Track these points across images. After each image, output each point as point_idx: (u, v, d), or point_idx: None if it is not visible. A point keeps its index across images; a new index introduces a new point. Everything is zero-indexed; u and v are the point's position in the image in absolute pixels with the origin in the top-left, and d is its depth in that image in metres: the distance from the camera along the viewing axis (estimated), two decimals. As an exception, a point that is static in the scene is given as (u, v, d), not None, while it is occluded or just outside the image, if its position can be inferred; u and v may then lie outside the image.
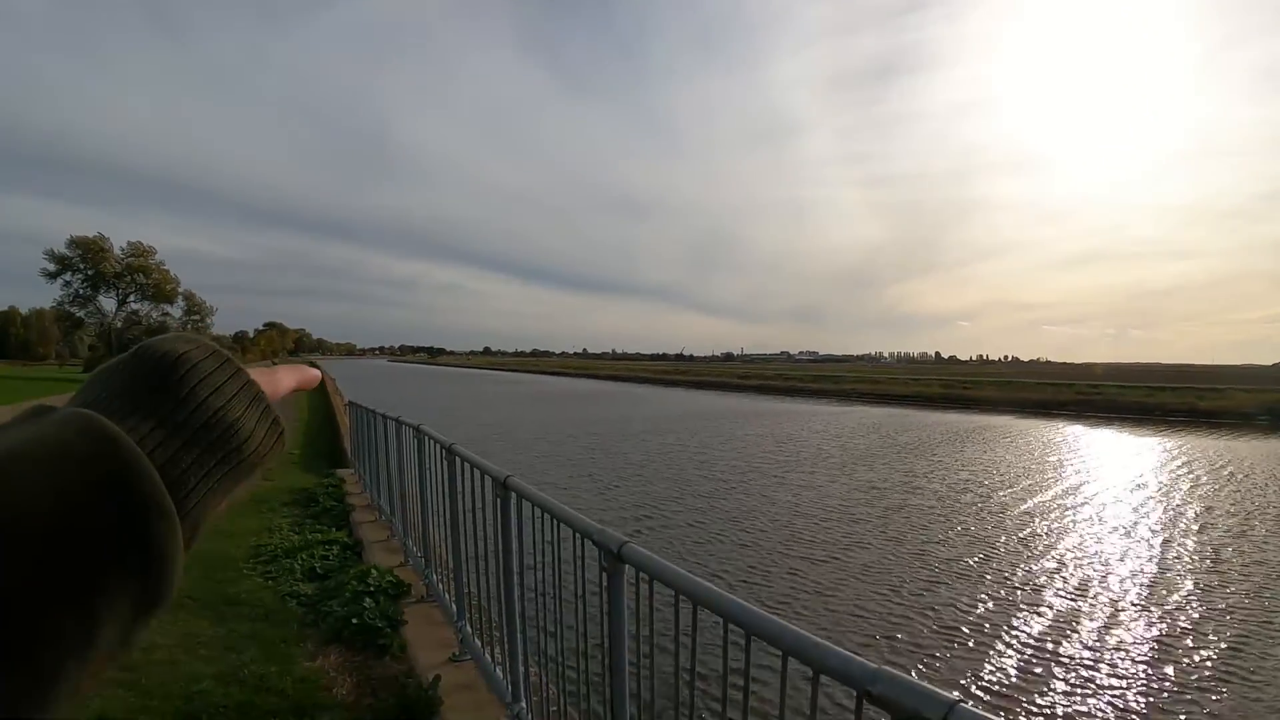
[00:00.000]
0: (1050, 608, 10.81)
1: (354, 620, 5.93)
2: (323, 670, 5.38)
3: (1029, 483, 21.13)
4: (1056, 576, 12.23)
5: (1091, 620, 10.36)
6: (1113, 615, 10.60)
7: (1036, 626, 10.02)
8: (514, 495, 3.89)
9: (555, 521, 3.33)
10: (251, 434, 0.56)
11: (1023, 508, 17.61)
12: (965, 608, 10.62)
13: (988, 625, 10.01)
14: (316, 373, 0.73)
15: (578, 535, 3.05)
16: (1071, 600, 11.18)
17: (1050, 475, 22.68)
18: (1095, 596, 11.38)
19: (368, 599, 6.31)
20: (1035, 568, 12.71)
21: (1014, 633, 9.79)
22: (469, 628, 5.20)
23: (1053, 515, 16.94)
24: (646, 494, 18.92)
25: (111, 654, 0.44)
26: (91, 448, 0.43)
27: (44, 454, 0.42)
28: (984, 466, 24.45)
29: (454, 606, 5.52)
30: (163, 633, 5.95)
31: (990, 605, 10.77)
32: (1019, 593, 11.40)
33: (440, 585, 6.20)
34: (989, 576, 12.17)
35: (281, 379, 0.67)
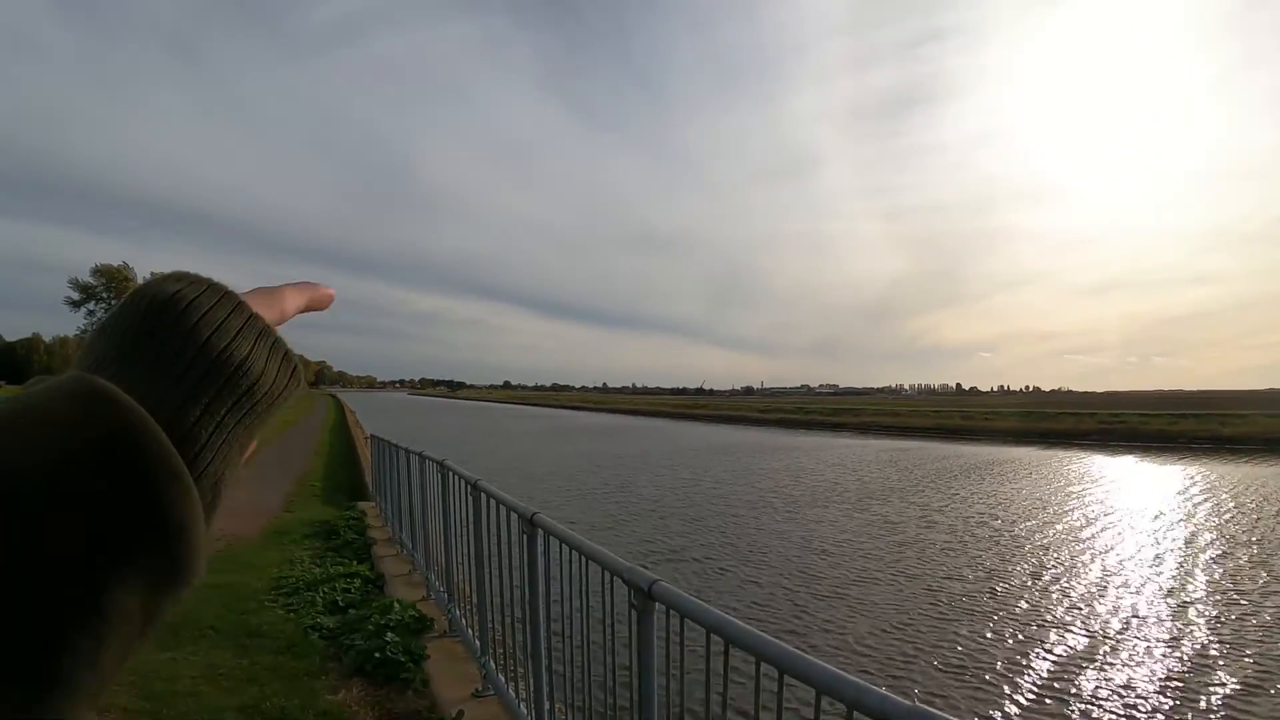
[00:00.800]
0: (1061, 649, 10.64)
1: (376, 654, 5.92)
2: (345, 704, 5.38)
3: (1044, 517, 20.84)
4: (1067, 618, 11.86)
5: (1102, 657, 10.24)
6: (1121, 651, 10.47)
7: (1046, 664, 9.87)
8: (540, 532, 3.91)
9: (583, 559, 3.34)
10: (264, 372, 0.49)
11: (1038, 542, 17.37)
12: (973, 646, 10.48)
13: (997, 664, 9.88)
14: (329, 290, 0.64)
15: (606, 573, 3.06)
16: (1084, 640, 11.02)
17: (1066, 508, 22.38)
18: (1109, 637, 11.22)
19: (390, 633, 6.29)
20: (1046, 605, 12.44)
21: (1022, 672, 9.67)
22: (492, 663, 5.18)
23: (1066, 550, 16.69)
24: (658, 528, 18.94)
25: (140, 635, 0.41)
26: (84, 411, 0.39)
27: (30, 423, 0.38)
28: (1000, 500, 24.15)
29: (477, 642, 5.52)
30: (185, 664, 5.97)
31: (999, 643, 10.60)
32: (1026, 630, 11.13)
33: (463, 620, 6.19)
34: (1001, 613, 11.96)
35: (287, 300, 0.58)
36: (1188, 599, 12.88)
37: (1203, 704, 8.76)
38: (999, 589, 13.32)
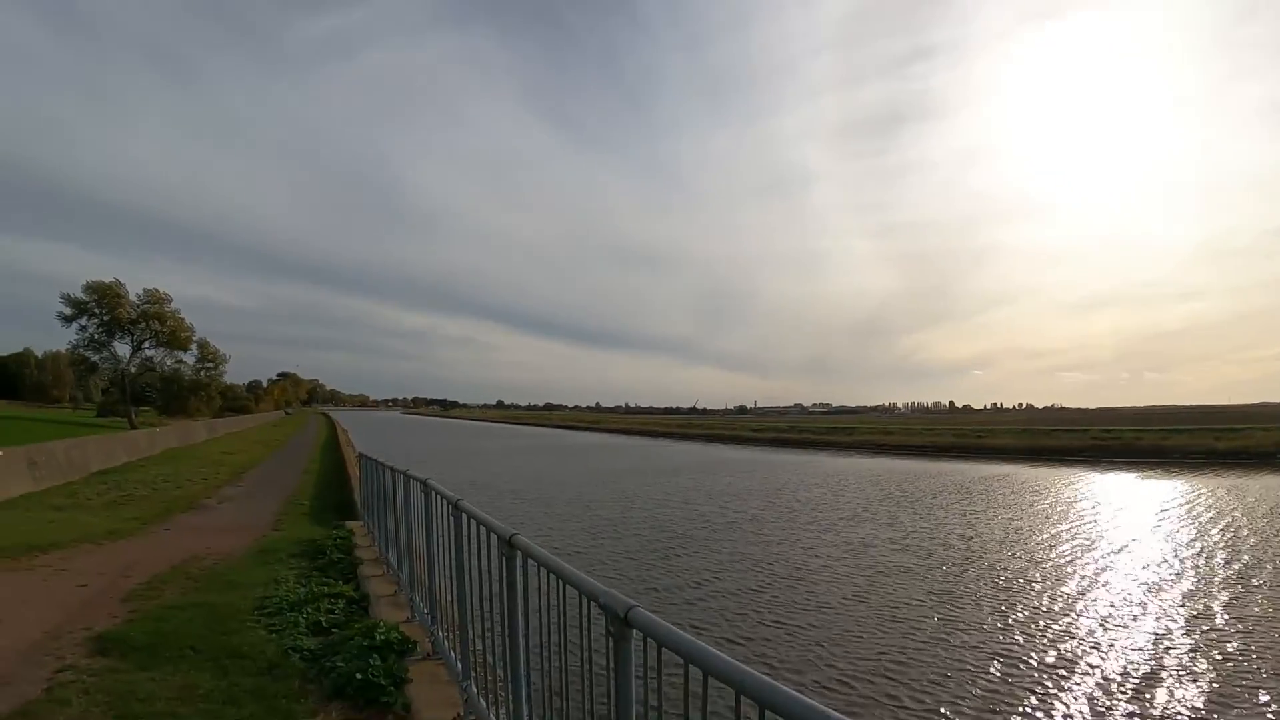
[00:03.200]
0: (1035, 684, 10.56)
1: (358, 676, 5.81)
2: (324, 728, 5.28)
3: (1025, 537, 20.80)
4: (1041, 651, 11.63)
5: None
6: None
7: (1010, 693, 9.83)
8: (519, 554, 3.82)
9: (560, 582, 3.26)
10: None
11: (1016, 565, 17.28)
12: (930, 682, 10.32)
13: (946, 692, 9.79)
14: None
15: (583, 597, 2.97)
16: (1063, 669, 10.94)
17: (1052, 527, 22.37)
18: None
19: (372, 655, 6.19)
20: (1012, 636, 12.13)
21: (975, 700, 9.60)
22: (474, 687, 5.08)
23: (1048, 570, 16.65)
24: (619, 548, 19.32)
25: None
26: None
27: None
28: (982, 520, 24.17)
29: (459, 665, 5.41)
30: (163, 684, 5.88)
31: (960, 678, 10.43)
32: (988, 668, 10.87)
33: (446, 643, 6.08)
34: (955, 643, 11.78)
35: None
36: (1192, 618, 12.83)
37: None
38: (953, 621, 12.99)
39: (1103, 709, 9.31)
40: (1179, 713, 9.22)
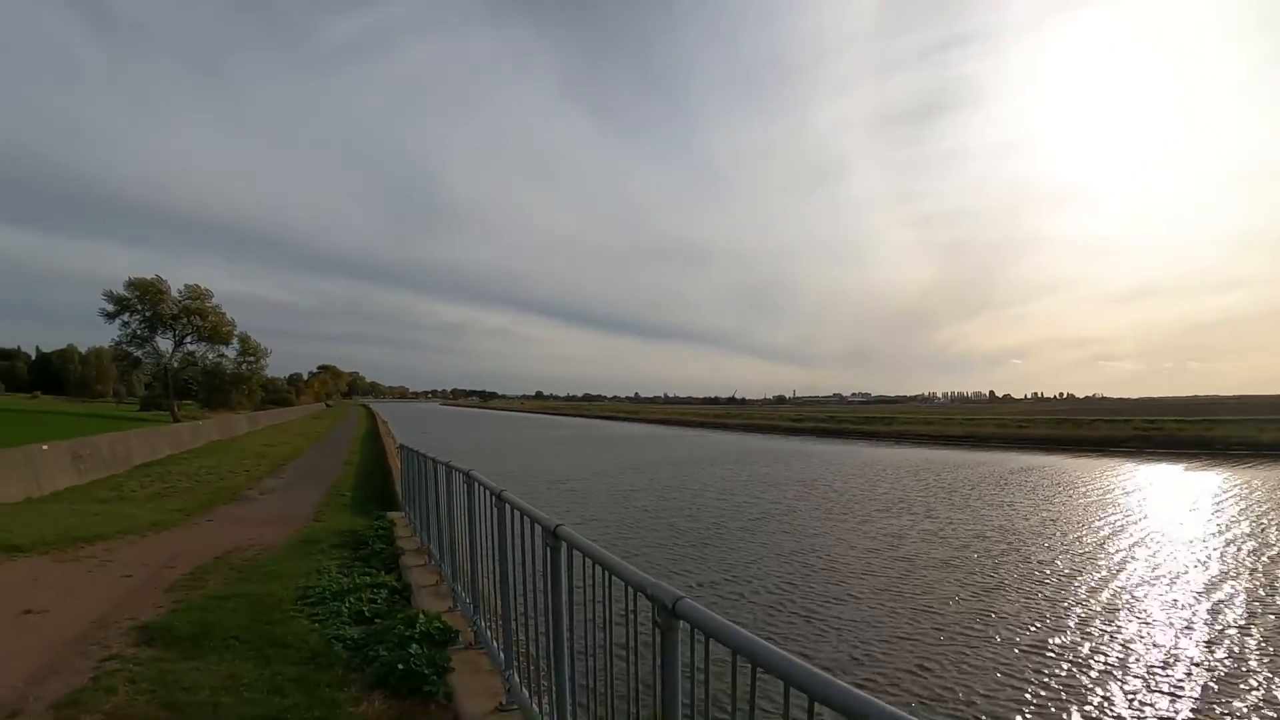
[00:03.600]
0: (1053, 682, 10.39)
1: (400, 666, 5.84)
2: (367, 717, 5.31)
3: (1062, 531, 20.40)
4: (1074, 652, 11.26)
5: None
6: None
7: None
8: (564, 545, 3.81)
9: (606, 573, 3.24)
10: None
11: (1050, 557, 16.97)
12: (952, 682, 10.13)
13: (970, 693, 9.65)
14: None
15: (630, 588, 2.95)
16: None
17: (1092, 521, 21.95)
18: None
19: (414, 644, 6.22)
20: (1043, 638, 11.68)
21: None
22: (517, 677, 5.09)
23: (1087, 565, 16.33)
24: (653, 539, 19.44)
25: None
26: None
27: None
28: (1019, 512, 23.76)
29: (502, 655, 5.43)
30: (207, 673, 5.94)
31: (982, 676, 10.24)
32: (1014, 667, 10.57)
33: (488, 632, 6.10)
34: (989, 645, 11.45)
35: None
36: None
37: None
38: (988, 620, 12.64)
39: (1138, 705, 9.16)
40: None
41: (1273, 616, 12.43)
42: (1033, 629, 12.02)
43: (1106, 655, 10.85)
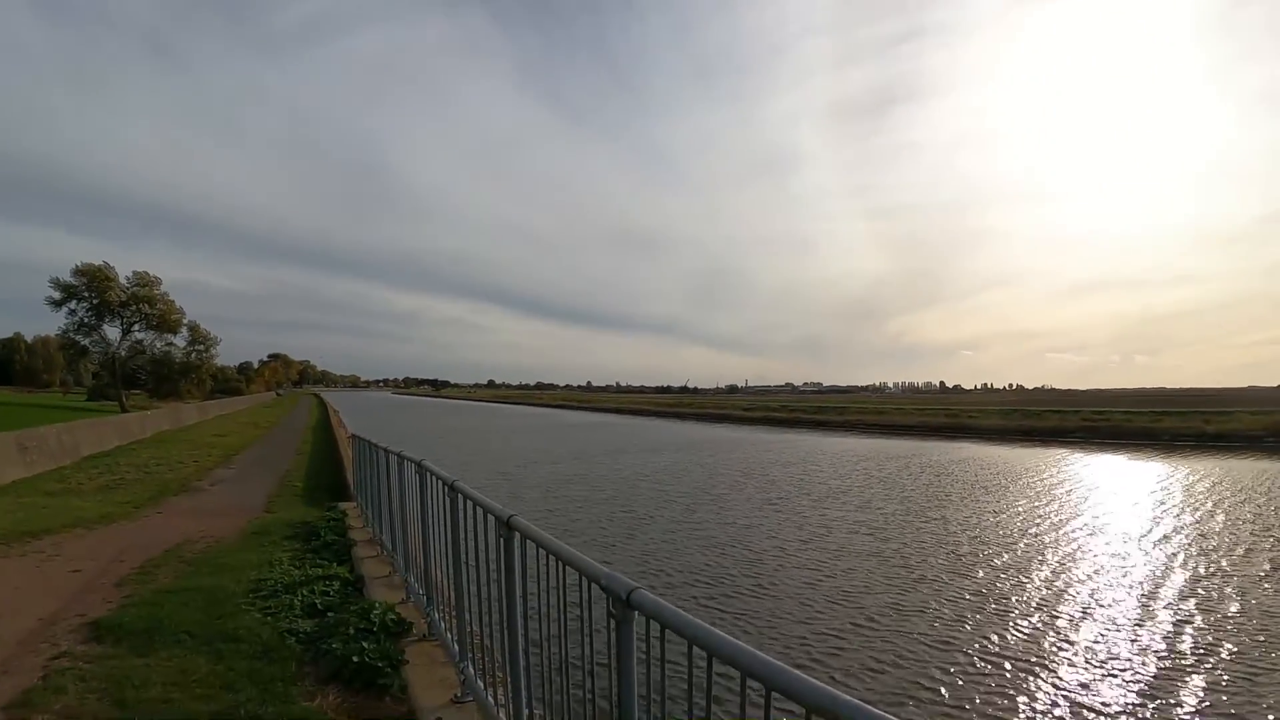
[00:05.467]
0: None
1: (354, 659, 5.78)
2: (320, 711, 5.25)
3: (993, 521, 20.69)
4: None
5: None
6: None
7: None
8: (518, 535, 3.80)
9: (560, 564, 3.23)
10: None
11: (977, 552, 16.99)
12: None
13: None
14: None
15: (584, 578, 2.94)
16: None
17: (1036, 513, 22.38)
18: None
19: (368, 637, 6.17)
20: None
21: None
22: (471, 669, 5.07)
23: (1010, 556, 16.66)
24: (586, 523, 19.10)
25: None
26: None
27: None
28: (954, 502, 24.11)
29: (456, 646, 5.40)
30: (158, 669, 5.84)
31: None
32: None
33: (442, 624, 6.07)
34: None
35: None
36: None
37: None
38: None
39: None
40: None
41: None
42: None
43: (1010, 637, 11.07)
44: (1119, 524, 19.50)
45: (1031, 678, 9.54)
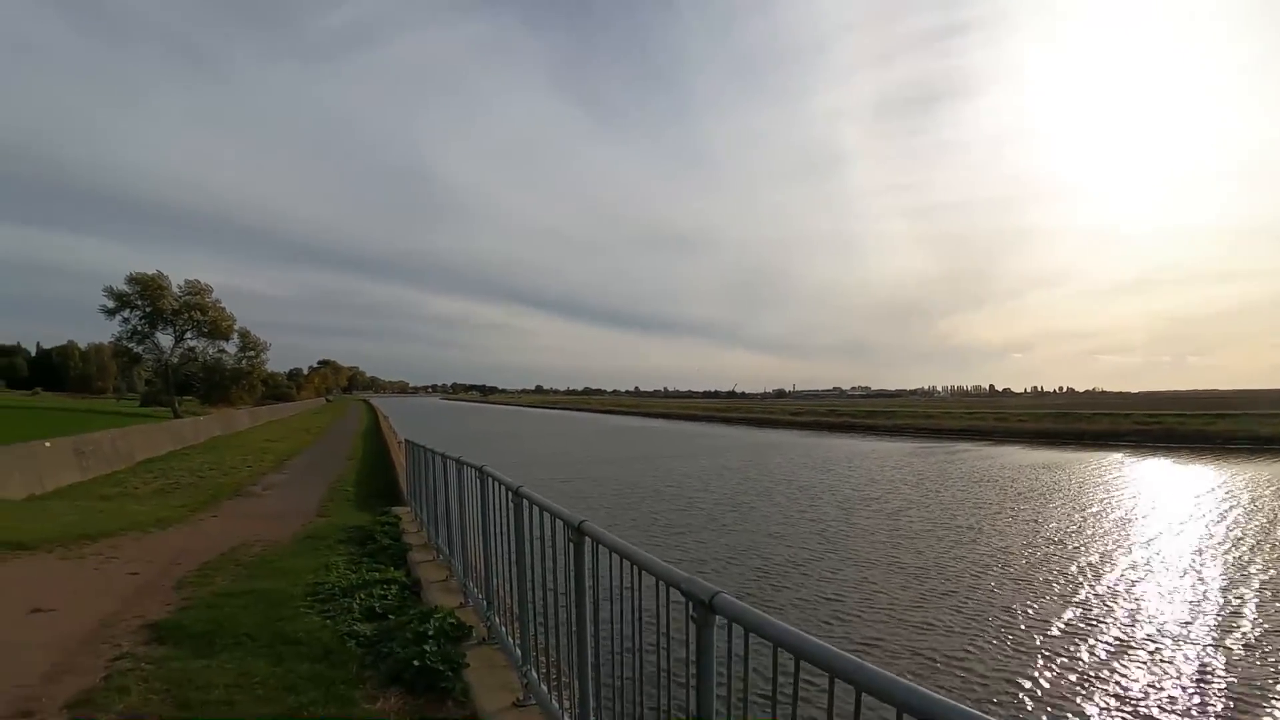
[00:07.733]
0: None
1: (415, 662, 5.80)
2: (383, 713, 5.27)
3: (1026, 527, 20.42)
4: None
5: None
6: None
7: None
8: (589, 540, 3.77)
9: (635, 569, 3.20)
10: None
11: (1002, 559, 16.83)
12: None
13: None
14: None
15: (661, 583, 2.91)
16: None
17: (1065, 514, 21.93)
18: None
19: (428, 641, 6.19)
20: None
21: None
22: (535, 673, 5.06)
23: (1039, 561, 16.30)
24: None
25: None
26: None
27: None
28: (1004, 511, 23.63)
29: (518, 650, 5.40)
30: (219, 671, 5.90)
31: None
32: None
33: (503, 628, 6.07)
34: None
35: None
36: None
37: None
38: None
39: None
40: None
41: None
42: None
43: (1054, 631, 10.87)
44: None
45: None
